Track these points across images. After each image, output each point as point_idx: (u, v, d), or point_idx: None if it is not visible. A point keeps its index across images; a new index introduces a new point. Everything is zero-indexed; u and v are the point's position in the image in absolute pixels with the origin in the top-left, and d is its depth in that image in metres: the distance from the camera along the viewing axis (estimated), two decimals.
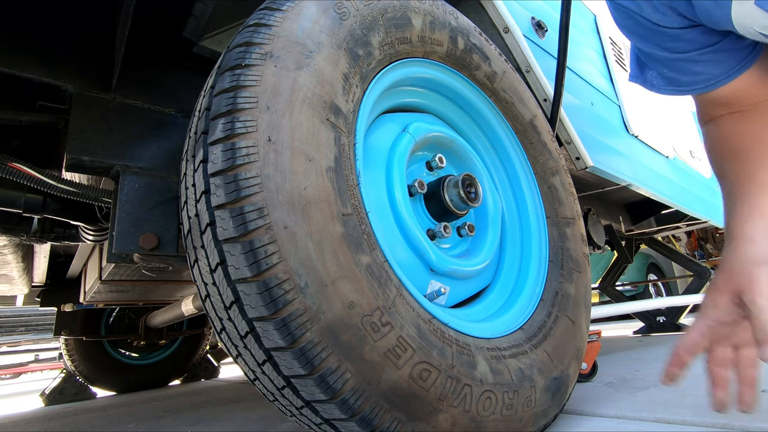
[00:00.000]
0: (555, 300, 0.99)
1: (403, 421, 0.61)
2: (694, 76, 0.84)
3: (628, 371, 1.54)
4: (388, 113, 1.00)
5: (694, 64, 0.82)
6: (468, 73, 1.07)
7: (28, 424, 2.07)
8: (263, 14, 0.71)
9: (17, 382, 7.67)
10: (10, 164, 0.92)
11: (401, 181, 0.87)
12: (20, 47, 0.89)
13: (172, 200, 0.95)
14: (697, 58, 0.81)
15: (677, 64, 0.85)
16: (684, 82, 0.87)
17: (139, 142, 0.97)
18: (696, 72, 0.83)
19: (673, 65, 0.85)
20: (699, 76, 0.84)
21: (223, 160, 0.60)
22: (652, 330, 3.22)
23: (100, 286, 1.68)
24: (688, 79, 0.85)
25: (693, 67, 0.83)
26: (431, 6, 0.98)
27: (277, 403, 0.69)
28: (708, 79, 0.83)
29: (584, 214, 2.08)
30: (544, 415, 0.81)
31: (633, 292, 5.72)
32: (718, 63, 0.81)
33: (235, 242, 0.57)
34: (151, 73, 1.05)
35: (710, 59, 0.81)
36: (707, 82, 0.84)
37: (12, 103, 0.97)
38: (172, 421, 1.62)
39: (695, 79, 0.84)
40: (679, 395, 1.09)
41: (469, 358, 0.72)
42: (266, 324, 0.57)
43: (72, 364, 2.86)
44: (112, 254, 0.87)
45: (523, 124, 1.17)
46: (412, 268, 0.86)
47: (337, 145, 0.69)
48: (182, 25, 1.02)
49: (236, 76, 0.64)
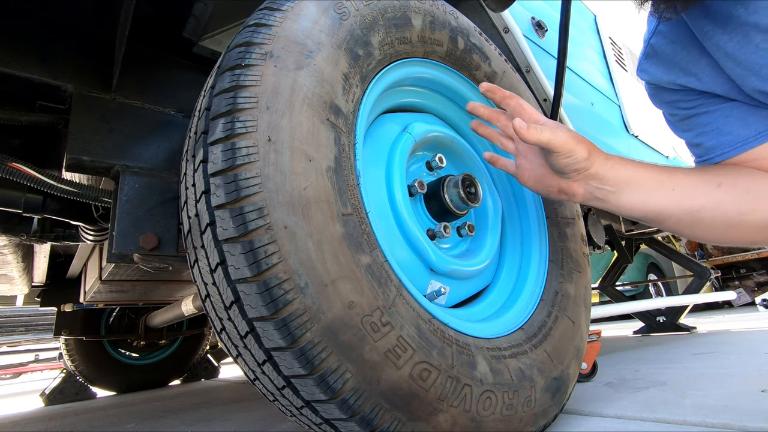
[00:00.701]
0: (555, 300, 0.99)
1: (403, 421, 0.61)
2: (719, 138, 0.78)
3: (628, 371, 1.54)
4: (388, 113, 1.00)
5: (722, 119, 0.78)
6: (468, 73, 1.07)
7: (28, 424, 2.07)
8: (263, 14, 0.71)
9: (17, 382, 7.66)
10: (10, 164, 0.92)
11: (401, 181, 0.87)
12: (20, 47, 0.89)
13: (172, 200, 0.95)
14: (726, 107, 0.77)
15: (702, 120, 0.80)
16: (710, 147, 0.80)
17: (139, 142, 0.97)
18: (722, 131, 0.78)
19: (698, 122, 0.81)
20: (725, 137, 0.77)
21: (223, 160, 0.60)
22: (652, 330, 3.22)
23: (100, 286, 1.68)
24: (713, 143, 0.79)
25: (722, 125, 0.78)
26: (431, 6, 0.98)
27: (277, 403, 0.69)
28: (734, 141, 0.77)
29: (584, 214, 2.08)
30: (544, 415, 0.81)
31: (633, 292, 5.72)
32: (747, 120, 0.76)
33: (235, 242, 0.57)
34: (151, 73, 1.05)
35: (738, 115, 0.76)
36: (734, 144, 0.77)
37: (12, 103, 0.97)
38: (172, 421, 1.62)
39: (721, 141, 0.78)
40: (679, 395, 1.09)
41: (469, 358, 0.72)
42: (266, 324, 0.57)
43: (72, 364, 2.86)
44: (112, 254, 0.87)
45: None
46: (412, 268, 0.86)
47: (337, 145, 0.69)
48: (182, 25, 1.02)
49: (236, 76, 0.64)
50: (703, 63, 0.76)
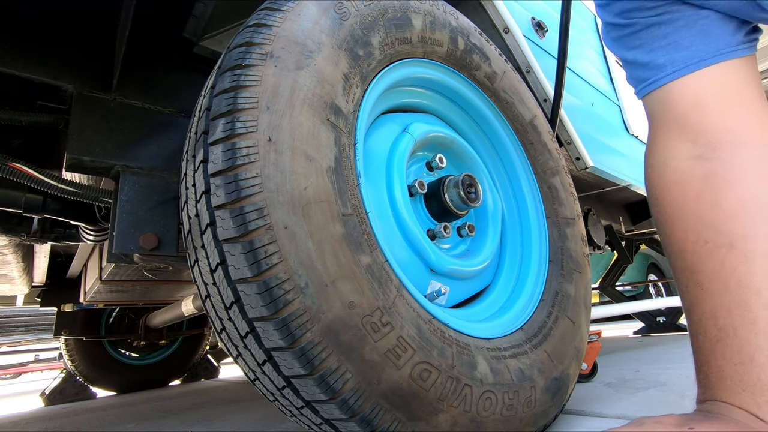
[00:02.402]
0: (555, 300, 0.99)
1: (403, 421, 0.61)
2: (674, 53, 0.69)
3: (628, 371, 1.54)
4: (389, 113, 1.00)
5: (684, 30, 0.69)
6: (468, 73, 1.07)
7: (28, 424, 2.07)
8: (263, 14, 0.71)
9: (17, 382, 7.66)
10: (10, 164, 0.92)
11: (401, 182, 0.87)
12: (20, 47, 0.89)
13: (172, 200, 0.95)
14: (691, 16, 0.68)
15: (660, 31, 0.70)
16: (659, 65, 0.71)
17: (139, 142, 0.97)
18: (679, 45, 0.69)
19: (655, 35, 0.71)
20: (681, 53, 0.69)
21: (223, 160, 0.60)
22: (652, 330, 3.22)
23: (100, 286, 1.68)
24: (665, 59, 0.70)
25: (680, 37, 0.69)
26: (431, 6, 0.98)
27: (277, 403, 0.69)
28: (691, 57, 0.68)
29: (584, 215, 2.08)
30: (544, 415, 0.81)
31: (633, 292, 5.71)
32: (709, 34, 0.67)
33: (235, 242, 0.57)
34: (151, 73, 1.05)
35: (702, 27, 0.67)
36: (688, 61, 0.68)
37: (12, 103, 0.97)
38: (172, 421, 1.62)
39: (674, 57, 0.69)
40: (679, 395, 1.09)
41: (470, 359, 0.72)
42: (266, 324, 0.57)
43: (72, 364, 2.86)
44: (112, 254, 0.87)
45: (523, 124, 1.17)
46: (412, 268, 0.86)
47: (338, 146, 0.69)
48: (182, 25, 1.02)
49: (236, 76, 0.64)
50: None
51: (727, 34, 0.67)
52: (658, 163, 0.74)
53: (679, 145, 0.71)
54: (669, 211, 0.71)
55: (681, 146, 0.71)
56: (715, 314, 0.63)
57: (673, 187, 0.71)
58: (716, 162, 0.67)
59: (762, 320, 0.60)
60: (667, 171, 0.72)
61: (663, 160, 0.73)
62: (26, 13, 0.91)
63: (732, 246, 0.63)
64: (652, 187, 0.75)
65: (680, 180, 0.70)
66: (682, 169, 0.70)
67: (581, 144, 1.53)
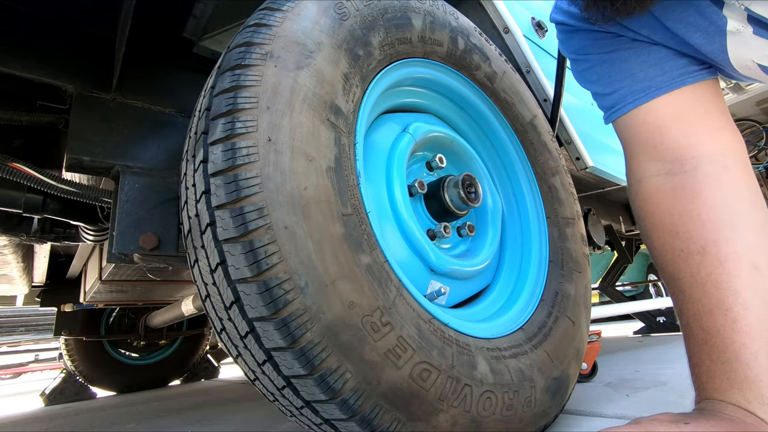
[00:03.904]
0: (555, 300, 0.99)
1: (403, 421, 0.61)
2: (632, 85, 0.75)
3: (628, 371, 1.54)
4: (389, 113, 1.00)
5: (637, 64, 0.74)
6: (468, 73, 1.07)
7: (28, 424, 2.07)
8: (263, 14, 0.71)
9: (17, 382, 7.66)
10: (10, 164, 0.92)
11: (401, 181, 0.87)
12: (20, 47, 0.89)
13: (172, 200, 0.95)
14: (643, 51, 0.73)
15: (615, 66, 0.76)
16: (621, 96, 0.76)
17: (139, 142, 0.97)
18: (635, 77, 0.75)
19: (611, 69, 0.77)
20: (639, 84, 0.74)
21: (223, 160, 0.60)
22: (652, 330, 3.22)
23: (100, 286, 1.68)
24: (625, 90, 0.76)
25: (635, 70, 0.74)
26: (431, 6, 0.98)
27: (277, 403, 0.69)
28: (648, 86, 0.74)
29: (584, 214, 2.08)
30: (544, 415, 0.81)
31: (633, 292, 5.71)
32: (662, 67, 0.73)
33: (235, 242, 0.57)
34: (151, 73, 1.05)
35: (655, 61, 0.73)
36: (647, 90, 0.74)
37: (12, 103, 0.97)
38: (172, 421, 1.62)
39: (633, 88, 0.75)
40: (679, 395, 1.09)
41: (469, 359, 0.72)
42: (266, 324, 0.57)
43: (72, 364, 2.86)
44: (112, 254, 0.87)
45: (523, 124, 1.17)
46: (412, 268, 0.86)
47: (338, 145, 0.69)
48: (182, 25, 1.02)
49: (236, 76, 0.64)
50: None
51: (681, 66, 0.73)
52: (635, 182, 0.80)
53: (648, 164, 0.77)
54: (648, 224, 0.76)
55: (650, 165, 0.77)
56: (699, 317, 0.66)
57: (649, 202, 0.76)
58: (682, 176, 0.73)
59: (743, 319, 0.62)
60: (642, 188, 0.78)
61: (638, 179, 0.79)
62: (26, 13, 0.91)
63: (705, 251, 0.67)
64: (633, 204, 0.81)
65: (654, 195, 0.76)
66: (655, 185, 0.76)
67: (581, 144, 1.53)
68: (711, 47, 0.67)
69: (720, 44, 0.66)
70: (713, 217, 0.68)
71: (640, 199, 0.78)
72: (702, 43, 0.67)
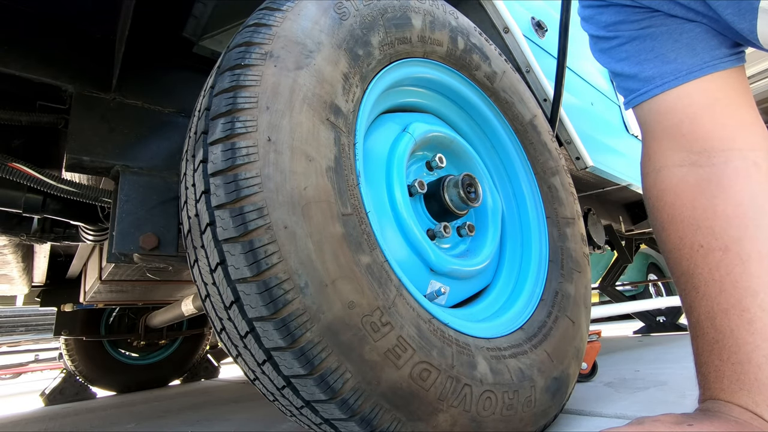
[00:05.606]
0: (555, 300, 0.99)
1: (403, 421, 0.61)
2: (662, 66, 0.71)
3: (628, 371, 1.54)
4: (388, 113, 1.00)
5: (669, 44, 0.71)
6: (468, 73, 1.06)
7: (28, 424, 2.07)
8: (263, 14, 0.71)
9: (17, 382, 7.66)
10: (10, 164, 0.92)
11: (401, 181, 0.87)
12: (20, 47, 0.89)
13: (172, 200, 0.95)
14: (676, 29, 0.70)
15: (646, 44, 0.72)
16: (648, 78, 0.73)
17: (139, 142, 0.97)
18: (666, 58, 0.71)
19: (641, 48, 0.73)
20: (668, 66, 0.71)
21: (223, 160, 0.60)
22: (652, 330, 3.22)
23: (100, 286, 1.68)
24: (653, 71, 0.72)
25: (666, 50, 0.71)
26: (431, 6, 0.98)
27: (277, 403, 0.69)
28: (678, 69, 0.70)
29: (584, 214, 2.08)
30: (544, 415, 0.81)
31: (633, 292, 5.71)
32: (694, 48, 0.69)
33: (235, 242, 0.57)
34: (151, 73, 1.05)
35: (687, 41, 0.69)
36: (677, 73, 0.70)
37: (12, 103, 0.97)
38: (172, 421, 1.62)
39: (663, 70, 0.71)
40: (679, 395, 1.09)
41: (469, 358, 0.72)
42: (266, 324, 0.57)
43: (72, 364, 2.86)
44: (112, 254, 0.87)
45: (523, 124, 1.17)
46: (412, 268, 0.86)
47: (337, 145, 0.69)
48: (182, 25, 1.02)
49: (236, 76, 0.64)
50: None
51: (713, 48, 0.70)
52: (653, 171, 0.76)
53: (672, 153, 0.73)
54: (664, 217, 0.73)
55: (674, 154, 0.73)
56: (712, 316, 0.64)
57: (668, 194, 0.73)
58: (710, 168, 0.69)
59: (759, 320, 0.61)
60: (662, 178, 0.74)
61: (658, 168, 0.75)
62: (26, 13, 0.91)
63: (727, 249, 0.65)
64: (648, 194, 0.77)
65: (675, 187, 0.72)
66: (677, 176, 0.72)
67: (581, 144, 1.53)
68: (741, 25, 0.64)
69: (750, 22, 0.63)
70: (739, 214, 0.65)
71: (658, 189, 0.74)
72: (734, 20, 0.64)
